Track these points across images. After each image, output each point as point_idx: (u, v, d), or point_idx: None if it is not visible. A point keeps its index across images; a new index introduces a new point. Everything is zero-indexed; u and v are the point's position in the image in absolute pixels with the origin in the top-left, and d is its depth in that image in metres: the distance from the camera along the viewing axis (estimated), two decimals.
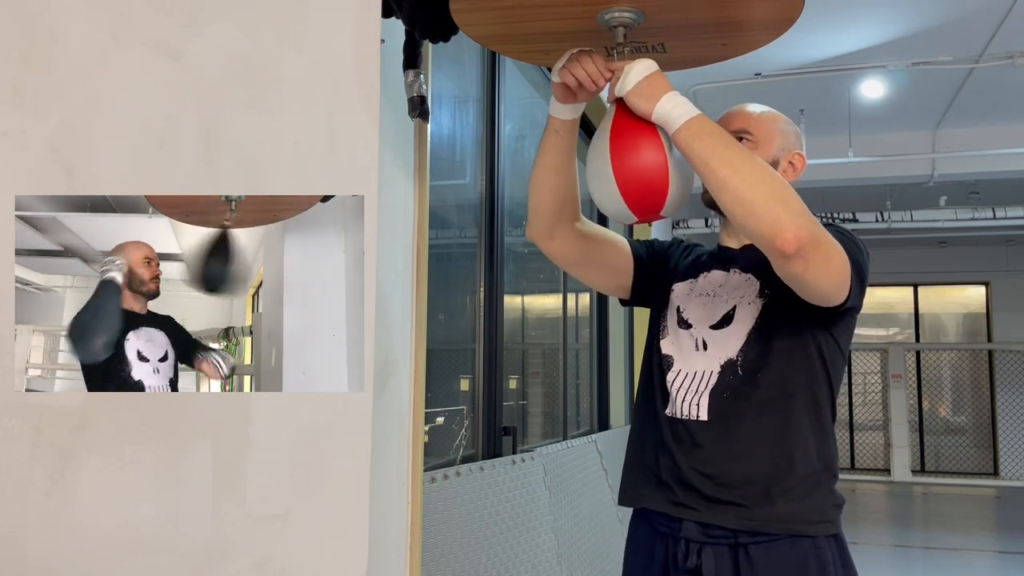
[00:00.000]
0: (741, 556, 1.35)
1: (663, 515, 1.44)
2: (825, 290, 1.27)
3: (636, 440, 1.53)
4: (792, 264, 1.19)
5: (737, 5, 1.25)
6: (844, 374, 1.48)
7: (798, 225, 1.17)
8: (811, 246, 1.18)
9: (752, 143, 1.44)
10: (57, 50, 1.10)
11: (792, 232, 1.16)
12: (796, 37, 2.47)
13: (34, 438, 1.05)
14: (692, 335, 1.46)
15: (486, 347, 2.81)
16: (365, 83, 1.13)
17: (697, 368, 1.44)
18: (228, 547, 1.06)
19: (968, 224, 6.73)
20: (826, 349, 1.41)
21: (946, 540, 6.79)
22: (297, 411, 1.09)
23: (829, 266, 1.24)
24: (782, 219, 1.17)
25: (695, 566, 1.38)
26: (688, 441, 1.41)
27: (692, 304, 1.49)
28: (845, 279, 1.28)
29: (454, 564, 2.11)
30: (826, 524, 1.37)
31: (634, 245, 1.60)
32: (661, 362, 1.50)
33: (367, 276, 1.10)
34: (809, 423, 1.38)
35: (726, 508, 1.36)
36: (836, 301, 1.30)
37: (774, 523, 1.35)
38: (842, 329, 1.42)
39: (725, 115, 1.50)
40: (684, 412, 1.43)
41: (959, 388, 11.06)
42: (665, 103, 1.24)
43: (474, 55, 2.92)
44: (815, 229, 1.19)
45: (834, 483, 1.41)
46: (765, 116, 1.49)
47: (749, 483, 1.36)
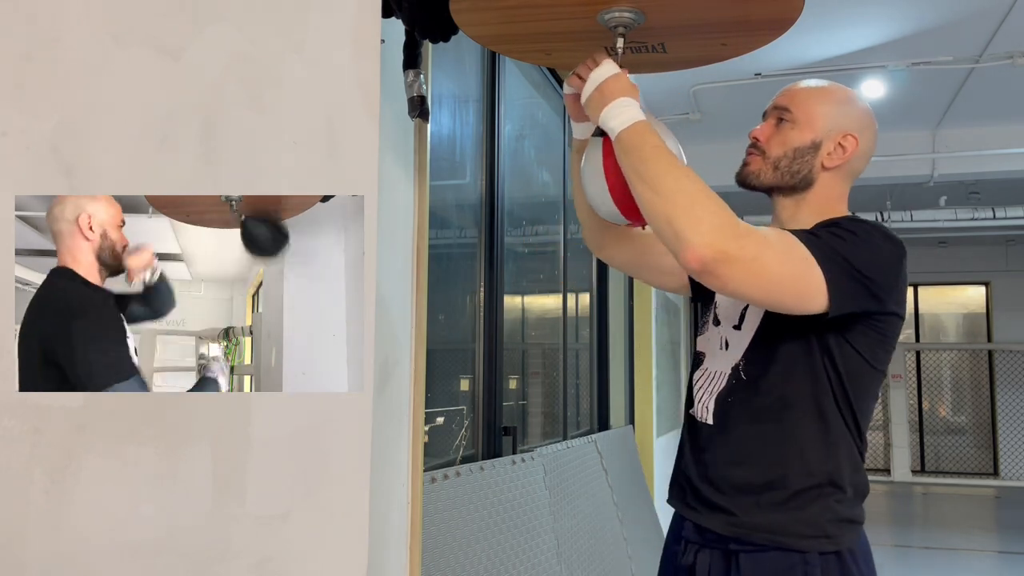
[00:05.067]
0: (732, 563, 1.34)
1: (678, 515, 1.47)
2: (765, 300, 1.21)
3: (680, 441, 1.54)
4: (704, 279, 1.16)
5: (737, 5, 1.25)
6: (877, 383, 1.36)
7: (704, 243, 1.12)
8: (718, 263, 1.12)
9: (791, 122, 1.38)
10: (57, 50, 1.10)
11: (694, 251, 1.12)
12: (796, 37, 2.47)
13: (34, 438, 1.05)
14: (719, 333, 1.45)
15: (486, 347, 2.81)
16: (365, 83, 1.13)
17: (717, 368, 1.42)
18: (228, 547, 1.06)
19: (968, 224, 6.73)
20: (840, 357, 1.30)
21: (946, 540, 6.79)
22: (297, 411, 1.09)
23: (756, 279, 1.16)
24: (684, 235, 1.13)
25: (690, 565, 1.39)
26: (697, 444, 1.42)
27: (724, 300, 1.46)
28: (799, 289, 1.20)
29: (454, 564, 2.11)
30: (821, 540, 1.29)
31: None
32: (695, 359, 1.51)
33: (367, 276, 1.10)
34: (809, 434, 1.31)
35: (718, 513, 1.36)
36: (807, 308, 1.22)
37: (760, 533, 1.31)
38: (861, 335, 1.30)
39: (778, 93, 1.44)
40: (699, 414, 1.43)
41: (959, 388, 11.06)
42: (606, 113, 1.23)
43: (474, 55, 2.92)
44: (724, 245, 1.12)
45: (841, 497, 1.31)
46: (815, 92, 1.39)
47: (741, 490, 1.34)
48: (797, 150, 1.37)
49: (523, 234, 3.68)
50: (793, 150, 1.37)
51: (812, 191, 1.38)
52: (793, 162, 1.37)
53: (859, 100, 1.41)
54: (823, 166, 1.37)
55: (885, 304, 1.28)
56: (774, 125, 1.40)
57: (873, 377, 1.34)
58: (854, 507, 1.34)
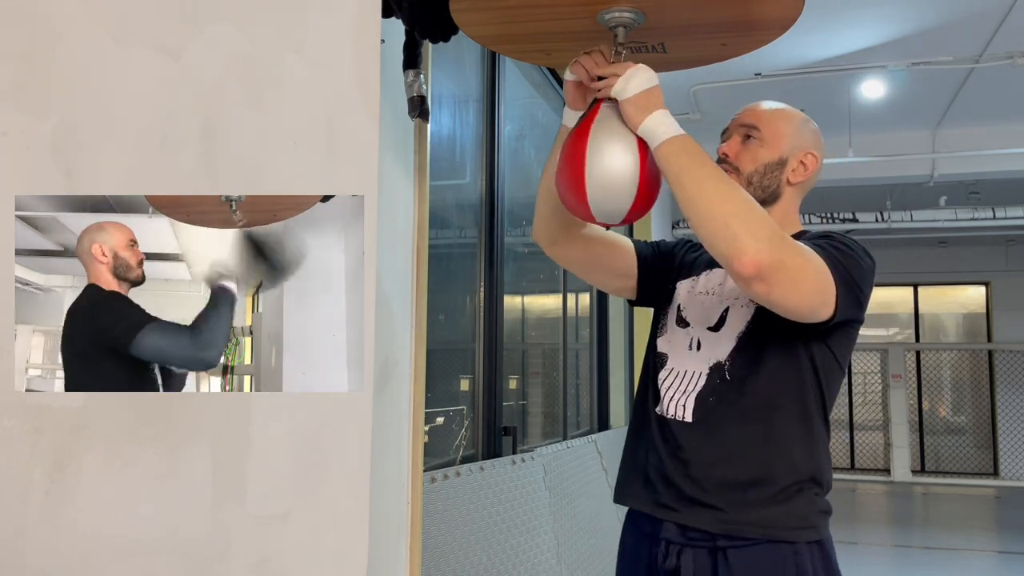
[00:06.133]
0: (719, 559, 1.35)
1: (647, 516, 1.45)
2: (798, 309, 1.25)
3: (631, 437, 1.54)
4: (753, 286, 1.18)
5: (737, 5, 1.25)
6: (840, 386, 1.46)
7: (758, 248, 1.16)
8: (772, 269, 1.16)
9: (759, 140, 1.44)
10: (57, 50, 1.10)
11: (751, 256, 1.15)
12: (796, 37, 2.47)
13: (34, 438, 1.05)
14: (688, 334, 1.47)
15: (486, 347, 2.81)
16: (365, 83, 1.13)
17: (687, 368, 1.44)
18: (228, 547, 1.06)
19: (968, 224, 6.73)
20: (820, 360, 1.38)
21: (946, 540, 6.79)
22: (297, 411, 1.09)
23: (799, 287, 1.21)
24: (741, 240, 1.16)
25: (674, 568, 1.38)
26: (673, 441, 1.42)
27: (692, 303, 1.49)
28: (824, 298, 1.25)
29: (454, 564, 2.11)
30: (808, 530, 1.35)
31: (639, 246, 1.60)
32: (656, 360, 1.51)
33: (367, 276, 1.10)
34: (795, 434, 1.37)
35: (704, 511, 1.36)
36: (819, 317, 1.27)
37: (752, 527, 1.34)
38: (839, 340, 1.39)
39: (740, 112, 1.50)
40: (671, 412, 1.43)
41: (959, 388, 11.06)
42: (655, 118, 1.24)
43: (474, 55, 2.92)
44: (780, 253, 1.18)
45: (820, 492, 1.38)
46: (777, 113, 1.47)
47: (728, 487, 1.35)
48: (767, 166, 1.44)
49: (523, 234, 3.68)
50: (764, 166, 1.44)
51: (778, 205, 1.46)
52: (764, 177, 1.44)
53: (813, 123, 1.51)
54: (788, 181, 1.46)
55: (863, 313, 1.37)
56: (740, 142, 1.46)
57: (841, 378, 1.44)
58: (827, 499, 1.41)
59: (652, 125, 1.24)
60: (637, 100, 1.25)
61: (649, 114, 1.24)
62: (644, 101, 1.25)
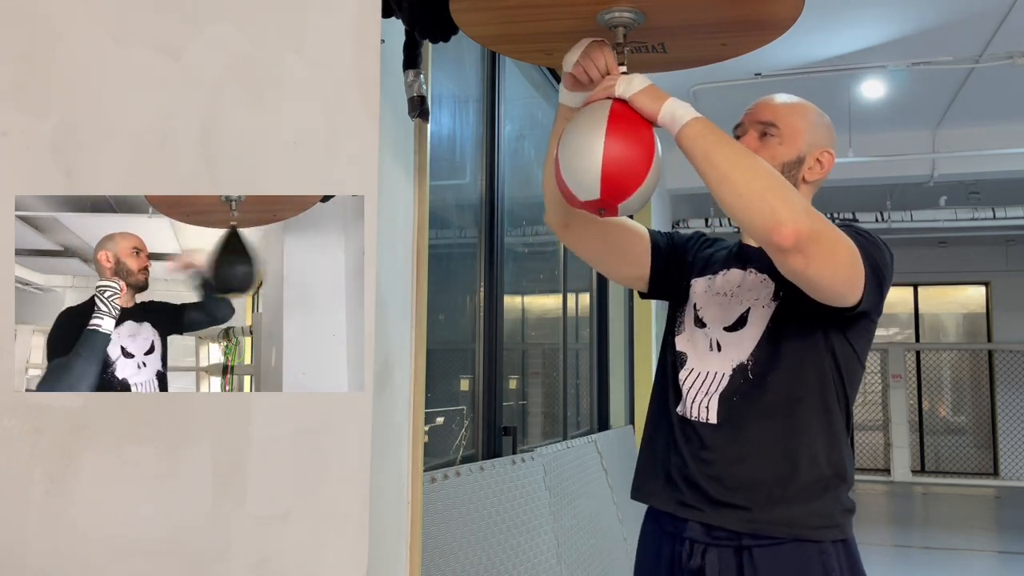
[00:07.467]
0: (745, 558, 1.35)
1: (669, 515, 1.44)
2: (832, 286, 1.25)
3: (650, 435, 1.53)
4: (791, 259, 1.18)
5: (737, 5, 1.25)
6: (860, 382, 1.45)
7: (796, 219, 1.15)
8: (810, 240, 1.16)
9: (777, 138, 1.42)
10: (57, 50, 1.10)
11: (790, 226, 1.15)
12: (796, 37, 2.47)
13: (34, 438, 1.05)
14: (707, 335, 1.45)
15: (486, 347, 2.81)
16: (365, 83, 1.13)
17: (710, 369, 1.43)
18: (228, 547, 1.06)
19: (968, 224, 6.72)
20: (841, 355, 1.38)
21: (946, 540, 6.79)
22: (297, 411, 1.09)
23: (834, 261, 1.21)
24: (779, 212, 1.16)
25: (699, 567, 1.38)
26: (697, 442, 1.41)
27: (709, 303, 1.48)
28: (857, 276, 1.25)
29: (454, 564, 2.11)
30: (833, 529, 1.35)
31: (654, 235, 1.57)
32: (675, 359, 1.49)
33: (367, 276, 1.10)
34: (819, 428, 1.37)
35: (730, 510, 1.36)
36: (848, 300, 1.27)
37: (778, 526, 1.34)
38: (858, 334, 1.38)
39: (752, 106, 1.48)
40: (694, 413, 1.42)
41: (959, 388, 11.05)
42: (671, 103, 1.25)
43: (474, 55, 2.92)
44: (816, 224, 1.17)
45: (844, 488, 1.38)
46: (795, 107, 1.45)
47: (754, 486, 1.35)
48: (785, 164, 1.42)
49: (523, 234, 3.68)
50: (782, 164, 1.41)
51: None
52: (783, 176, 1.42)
53: (827, 117, 1.48)
54: (804, 179, 1.44)
55: (882, 305, 1.36)
56: (758, 139, 1.44)
57: (861, 372, 1.43)
58: (850, 497, 1.40)
59: (671, 109, 1.24)
60: (649, 91, 1.25)
61: (664, 102, 1.25)
62: (654, 91, 1.26)
